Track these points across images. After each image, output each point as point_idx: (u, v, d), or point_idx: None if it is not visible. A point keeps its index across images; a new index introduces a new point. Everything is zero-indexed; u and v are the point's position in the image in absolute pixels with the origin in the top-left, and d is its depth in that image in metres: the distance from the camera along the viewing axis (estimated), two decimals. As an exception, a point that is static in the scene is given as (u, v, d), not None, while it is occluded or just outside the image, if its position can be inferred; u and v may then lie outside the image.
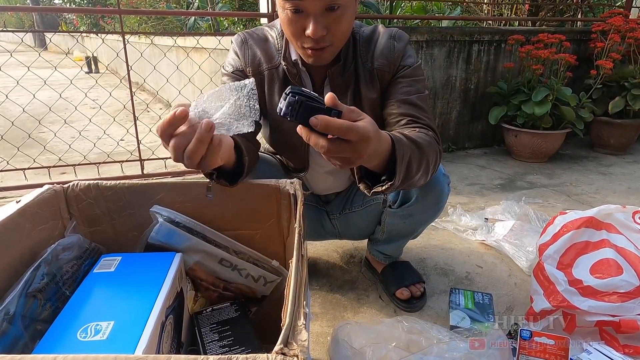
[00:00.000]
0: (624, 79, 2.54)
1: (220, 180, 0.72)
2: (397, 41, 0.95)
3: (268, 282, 0.81)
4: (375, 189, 0.68)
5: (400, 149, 0.65)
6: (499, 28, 2.76)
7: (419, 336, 0.91)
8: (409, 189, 0.76)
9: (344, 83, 0.95)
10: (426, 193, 1.00)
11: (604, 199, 1.96)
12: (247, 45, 0.96)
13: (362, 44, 0.95)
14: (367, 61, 0.94)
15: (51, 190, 0.70)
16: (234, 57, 0.97)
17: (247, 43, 0.96)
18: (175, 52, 3.69)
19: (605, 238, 1.05)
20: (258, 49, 0.96)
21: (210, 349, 0.68)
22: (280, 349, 0.37)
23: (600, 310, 0.94)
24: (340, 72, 0.93)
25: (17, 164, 2.11)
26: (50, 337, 0.54)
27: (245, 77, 0.96)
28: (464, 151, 2.79)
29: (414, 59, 0.95)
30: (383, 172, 0.68)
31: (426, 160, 0.74)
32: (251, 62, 0.95)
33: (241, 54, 0.96)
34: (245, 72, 0.96)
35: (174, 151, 0.56)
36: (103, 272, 0.67)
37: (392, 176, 0.66)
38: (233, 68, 0.96)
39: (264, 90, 0.97)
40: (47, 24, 12.10)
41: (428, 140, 0.77)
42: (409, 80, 0.93)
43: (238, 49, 0.96)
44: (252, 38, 0.97)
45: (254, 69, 0.95)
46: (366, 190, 0.70)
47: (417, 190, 1.00)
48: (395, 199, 1.03)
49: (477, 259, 1.42)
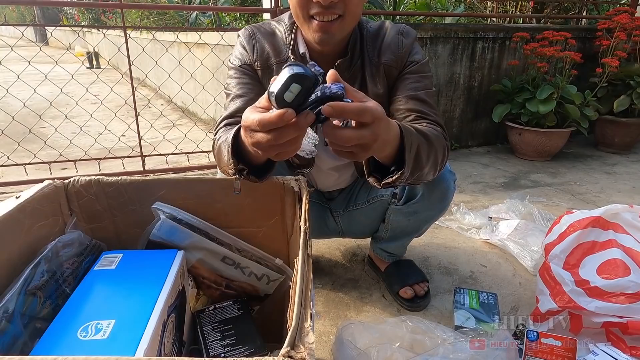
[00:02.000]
0: (629, 77, 2.52)
1: (250, 177, 0.70)
2: (405, 37, 0.93)
3: (271, 281, 0.80)
4: (385, 181, 0.68)
5: (408, 137, 0.64)
6: (504, 25, 2.74)
7: (424, 336, 0.90)
8: (418, 182, 0.75)
9: (351, 77, 0.94)
10: (432, 190, 0.99)
11: (608, 198, 1.94)
12: (255, 39, 0.95)
13: (369, 39, 0.94)
14: (374, 56, 0.93)
15: (51, 186, 0.69)
16: (241, 50, 0.96)
17: (255, 37, 0.95)
18: (177, 47, 3.67)
19: (613, 238, 1.04)
20: (266, 43, 0.94)
21: (213, 348, 0.67)
22: (287, 351, 0.36)
23: (607, 311, 0.92)
24: (347, 66, 0.92)
25: (18, 159, 2.10)
26: (49, 336, 0.52)
27: (253, 71, 0.95)
28: (467, 149, 2.77)
29: (421, 55, 0.94)
30: (392, 163, 0.68)
31: (434, 154, 0.74)
32: (260, 55, 0.94)
33: (249, 48, 0.94)
34: (254, 67, 0.94)
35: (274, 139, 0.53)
36: (104, 270, 0.65)
37: (402, 166, 0.65)
38: (240, 62, 0.95)
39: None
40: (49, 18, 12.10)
41: (436, 135, 0.76)
42: (417, 76, 0.92)
43: (246, 42, 0.95)
44: (260, 32, 0.95)
45: (262, 63, 0.94)
46: (376, 183, 0.70)
47: (422, 187, 0.99)
48: (401, 195, 1.02)
49: (481, 258, 1.41)
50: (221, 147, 0.76)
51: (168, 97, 4.36)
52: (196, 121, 3.16)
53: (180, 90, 2.79)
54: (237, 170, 0.69)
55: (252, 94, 0.92)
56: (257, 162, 0.70)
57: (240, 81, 0.94)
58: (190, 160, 2.40)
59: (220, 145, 0.77)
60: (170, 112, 3.89)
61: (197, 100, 3.07)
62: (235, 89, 0.93)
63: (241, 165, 0.68)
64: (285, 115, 0.49)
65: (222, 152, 0.74)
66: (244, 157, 0.68)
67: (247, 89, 0.93)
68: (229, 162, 0.69)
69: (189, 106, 3.68)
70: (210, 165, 2.35)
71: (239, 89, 0.92)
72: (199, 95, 3.03)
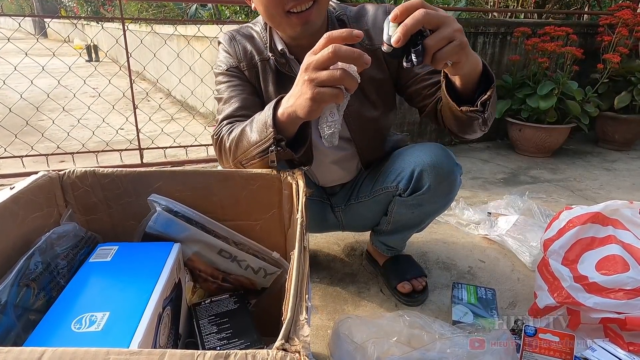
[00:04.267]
0: (630, 73, 2.51)
1: (286, 150, 0.73)
2: None
3: (268, 274, 0.79)
4: (481, 98, 0.73)
5: (485, 63, 0.72)
6: (505, 20, 2.72)
7: (421, 331, 0.90)
8: (491, 118, 0.80)
9: None
10: (440, 181, 0.98)
11: (608, 194, 1.94)
12: (235, 41, 0.97)
13: (353, 25, 0.95)
14: (363, 40, 0.93)
15: (46, 177, 0.68)
16: (225, 55, 0.98)
17: (236, 39, 0.97)
18: (176, 40, 3.64)
19: (612, 234, 1.03)
20: (247, 43, 0.96)
21: (209, 341, 0.67)
22: (281, 344, 0.36)
23: (606, 307, 0.92)
24: None
25: (15, 152, 2.09)
26: (43, 328, 0.52)
27: (240, 72, 0.96)
28: (467, 144, 2.76)
29: None
30: (475, 89, 0.74)
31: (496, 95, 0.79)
32: (243, 56, 0.96)
33: (232, 51, 0.96)
34: (240, 68, 0.96)
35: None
36: (99, 262, 0.65)
37: (490, 84, 0.72)
38: (227, 66, 0.96)
39: (259, 82, 0.97)
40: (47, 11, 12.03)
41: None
42: None
43: (228, 46, 0.97)
44: (240, 34, 0.98)
45: (247, 62, 0.96)
46: (469, 107, 0.75)
47: (430, 178, 0.98)
48: (407, 186, 1.01)
49: (479, 253, 1.40)
50: (244, 130, 0.78)
51: (167, 91, 4.34)
52: (195, 115, 3.15)
53: (179, 83, 2.77)
54: (276, 141, 0.72)
55: (245, 94, 0.93)
56: (289, 136, 0.74)
57: (230, 84, 0.95)
58: (188, 154, 2.40)
59: (242, 130, 0.79)
60: (169, 105, 3.87)
61: (196, 93, 3.06)
62: (227, 92, 0.94)
63: (280, 135, 0.71)
64: (355, 33, 0.58)
65: (246, 134, 0.77)
66: (279, 131, 0.72)
67: (240, 90, 0.94)
68: (261, 137, 0.73)
69: (187, 99, 3.66)
70: (209, 159, 2.34)
71: (231, 91, 0.94)
72: (198, 89, 3.01)
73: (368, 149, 1.07)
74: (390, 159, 1.08)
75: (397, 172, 1.03)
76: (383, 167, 1.08)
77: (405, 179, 1.01)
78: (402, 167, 1.02)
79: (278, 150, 0.73)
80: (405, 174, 1.01)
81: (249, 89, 0.95)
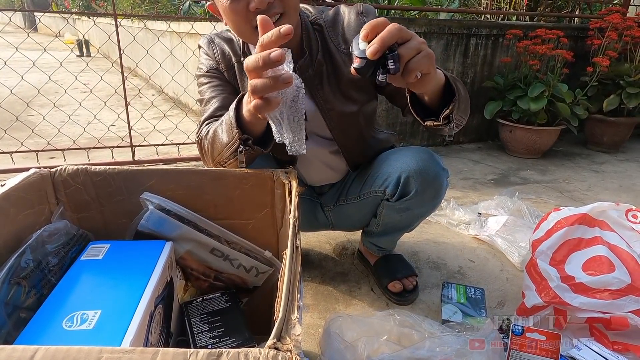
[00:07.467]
0: (619, 77, 2.55)
1: (254, 147, 0.73)
2: (366, 16, 0.94)
3: (260, 273, 0.80)
4: (443, 113, 0.73)
5: (448, 76, 0.73)
6: (497, 22, 2.75)
7: (411, 329, 0.91)
8: (462, 123, 0.80)
9: (317, 75, 0.94)
10: (426, 187, 0.99)
11: (596, 196, 1.97)
12: (214, 44, 0.98)
13: (329, 28, 0.95)
14: (339, 44, 0.94)
15: (37, 174, 0.68)
16: (205, 57, 0.99)
17: (214, 41, 0.99)
18: (169, 37, 3.62)
19: (599, 235, 1.06)
20: (226, 45, 0.97)
21: (200, 339, 0.67)
22: (273, 343, 0.36)
23: (592, 307, 0.94)
24: (309, 65, 0.93)
25: (5, 147, 2.07)
26: (34, 326, 0.52)
27: (220, 73, 0.97)
28: (458, 145, 2.79)
29: None
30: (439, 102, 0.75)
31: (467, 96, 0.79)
32: (222, 57, 0.97)
33: (211, 53, 0.98)
34: (219, 69, 0.97)
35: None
36: (91, 260, 0.65)
37: (452, 97, 0.73)
38: (207, 67, 0.97)
39: (237, 82, 0.98)
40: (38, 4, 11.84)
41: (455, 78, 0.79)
42: None
43: (207, 49, 0.99)
44: (218, 37, 0.99)
45: (225, 63, 0.97)
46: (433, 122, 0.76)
47: (416, 183, 0.99)
48: (394, 191, 1.02)
49: (469, 253, 1.42)
50: (216, 132, 0.78)
51: (159, 87, 4.31)
52: (187, 112, 3.14)
53: (171, 80, 2.76)
54: (242, 141, 0.71)
55: (226, 94, 0.95)
56: (258, 132, 0.73)
57: (211, 84, 0.96)
58: (180, 152, 2.39)
59: (214, 131, 0.79)
60: (161, 102, 3.85)
61: (189, 91, 3.04)
62: (208, 92, 0.95)
63: (245, 135, 0.71)
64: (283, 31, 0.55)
65: (218, 135, 0.77)
66: (246, 130, 0.71)
67: (220, 90, 0.95)
68: (230, 138, 0.72)
69: (180, 97, 3.64)
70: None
71: (212, 92, 0.95)
72: (191, 86, 2.99)
73: (351, 145, 1.07)
74: (378, 162, 1.09)
75: (384, 177, 1.04)
76: (371, 169, 1.09)
77: (392, 185, 1.02)
78: (389, 172, 1.03)
79: (247, 150, 0.73)
80: (392, 180, 1.02)
81: (229, 89, 0.96)
